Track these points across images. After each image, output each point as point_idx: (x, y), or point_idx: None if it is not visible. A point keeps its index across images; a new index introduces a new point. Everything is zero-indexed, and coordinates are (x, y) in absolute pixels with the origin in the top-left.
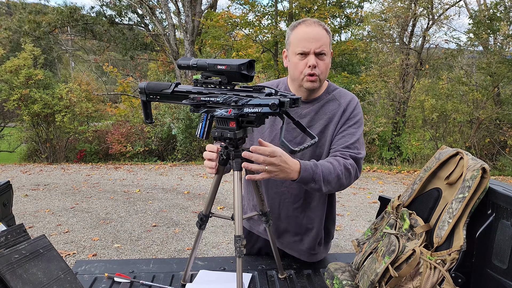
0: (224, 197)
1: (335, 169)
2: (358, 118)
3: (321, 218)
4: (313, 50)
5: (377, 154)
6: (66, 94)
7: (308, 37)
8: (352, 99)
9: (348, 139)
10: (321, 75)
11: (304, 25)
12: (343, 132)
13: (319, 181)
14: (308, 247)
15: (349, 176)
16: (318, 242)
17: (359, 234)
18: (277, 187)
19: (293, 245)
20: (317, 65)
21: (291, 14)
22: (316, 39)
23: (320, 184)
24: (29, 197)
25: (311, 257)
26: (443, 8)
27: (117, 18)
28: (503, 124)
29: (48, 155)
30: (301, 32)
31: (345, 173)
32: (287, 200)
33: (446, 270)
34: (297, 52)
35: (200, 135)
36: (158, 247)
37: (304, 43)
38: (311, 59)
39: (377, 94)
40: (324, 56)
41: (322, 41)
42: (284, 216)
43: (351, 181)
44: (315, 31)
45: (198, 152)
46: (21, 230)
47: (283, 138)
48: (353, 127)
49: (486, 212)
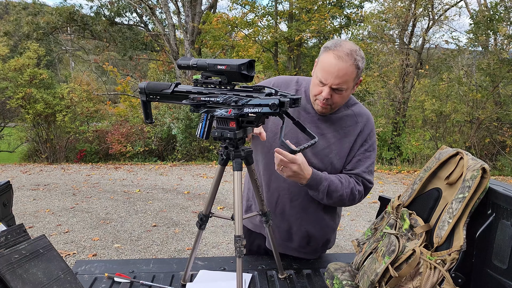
0: (224, 197)
1: (342, 188)
2: (373, 140)
3: (318, 224)
4: (331, 85)
5: (377, 154)
6: (68, 94)
7: (331, 71)
8: (369, 120)
9: (364, 164)
10: (334, 105)
11: (333, 56)
12: (360, 155)
13: (323, 193)
14: (297, 246)
15: (353, 200)
16: (307, 242)
17: (359, 234)
18: (279, 181)
19: (281, 242)
20: (331, 97)
21: (291, 14)
22: (338, 77)
23: (322, 196)
24: (29, 197)
25: (299, 253)
26: (443, 8)
27: (116, 18)
28: (503, 124)
29: (48, 155)
30: (328, 62)
31: (349, 196)
32: (286, 197)
33: (446, 270)
34: (318, 78)
35: (200, 135)
36: (158, 247)
37: (325, 74)
38: (325, 92)
39: (377, 94)
40: (342, 91)
41: (343, 79)
42: (279, 212)
43: (353, 203)
44: (342, 66)
45: (198, 152)
46: (21, 230)
47: (283, 138)
48: (369, 151)
49: (486, 212)
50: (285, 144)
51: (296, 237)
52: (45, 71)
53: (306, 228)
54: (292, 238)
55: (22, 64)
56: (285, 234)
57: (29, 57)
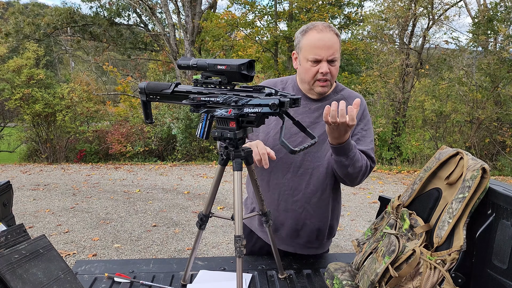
0: (224, 197)
1: (362, 160)
2: (367, 118)
3: (322, 214)
4: (326, 58)
5: (377, 154)
6: (68, 94)
7: (320, 45)
8: (361, 100)
9: (364, 142)
10: (332, 79)
11: (315, 31)
12: (358, 134)
13: (351, 159)
14: (305, 241)
15: (364, 173)
16: (316, 236)
17: (359, 234)
18: (278, 178)
19: (289, 240)
20: (329, 71)
21: (291, 14)
22: (328, 46)
23: (349, 163)
24: (29, 197)
25: (309, 250)
26: (443, 8)
27: (116, 18)
28: (503, 124)
29: (48, 155)
30: (313, 39)
31: (364, 169)
32: (287, 193)
33: (446, 270)
34: (310, 59)
35: (200, 135)
36: (158, 247)
37: (317, 50)
38: (324, 67)
39: (377, 94)
40: (335, 62)
41: (334, 48)
42: (283, 209)
43: (362, 178)
44: (327, 37)
45: (198, 152)
46: (21, 230)
47: (283, 138)
48: (365, 129)
49: (486, 212)
50: (285, 144)
51: (303, 233)
52: (42, 71)
53: (312, 221)
54: (299, 234)
55: (20, 65)
56: (291, 231)
57: (27, 57)
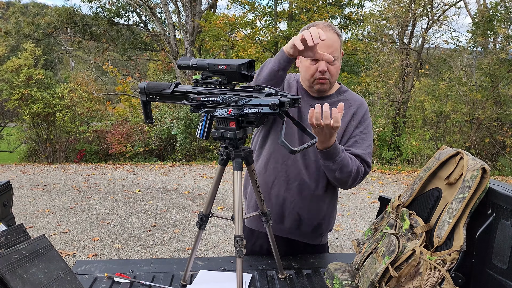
0: (224, 197)
1: (351, 164)
2: (367, 122)
3: (310, 208)
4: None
5: (377, 154)
6: (68, 94)
7: (320, 44)
8: (362, 104)
9: (361, 145)
10: (332, 78)
11: None
12: (356, 137)
13: (338, 164)
14: (289, 227)
15: (355, 178)
16: (297, 226)
17: (359, 234)
18: (277, 162)
19: (275, 226)
20: (327, 70)
21: (291, 14)
22: (327, 46)
23: (336, 167)
24: (29, 197)
25: (296, 236)
26: (442, 8)
27: (115, 18)
28: (503, 124)
29: (48, 155)
30: None
31: (355, 174)
32: (282, 179)
33: (446, 270)
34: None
35: (200, 135)
36: (158, 247)
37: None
38: (322, 65)
39: (377, 94)
40: (335, 61)
41: (333, 47)
42: (275, 194)
43: (354, 183)
44: (326, 36)
45: (198, 152)
46: (21, 230)
47: (283, 138)
48: (364, 133)
49: (486, 212)
50: (285, 144)
51: (287, 220)
52: (41, 71)
53: (298, 212)
54: (283, 221)
55: (19, 65)
56: (277, 216)
57: (26, 57)
